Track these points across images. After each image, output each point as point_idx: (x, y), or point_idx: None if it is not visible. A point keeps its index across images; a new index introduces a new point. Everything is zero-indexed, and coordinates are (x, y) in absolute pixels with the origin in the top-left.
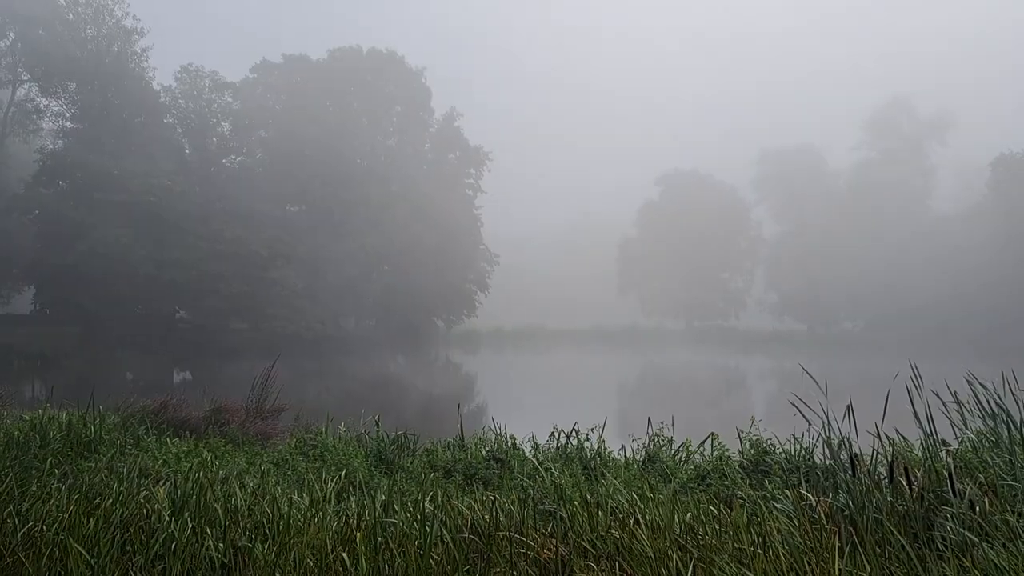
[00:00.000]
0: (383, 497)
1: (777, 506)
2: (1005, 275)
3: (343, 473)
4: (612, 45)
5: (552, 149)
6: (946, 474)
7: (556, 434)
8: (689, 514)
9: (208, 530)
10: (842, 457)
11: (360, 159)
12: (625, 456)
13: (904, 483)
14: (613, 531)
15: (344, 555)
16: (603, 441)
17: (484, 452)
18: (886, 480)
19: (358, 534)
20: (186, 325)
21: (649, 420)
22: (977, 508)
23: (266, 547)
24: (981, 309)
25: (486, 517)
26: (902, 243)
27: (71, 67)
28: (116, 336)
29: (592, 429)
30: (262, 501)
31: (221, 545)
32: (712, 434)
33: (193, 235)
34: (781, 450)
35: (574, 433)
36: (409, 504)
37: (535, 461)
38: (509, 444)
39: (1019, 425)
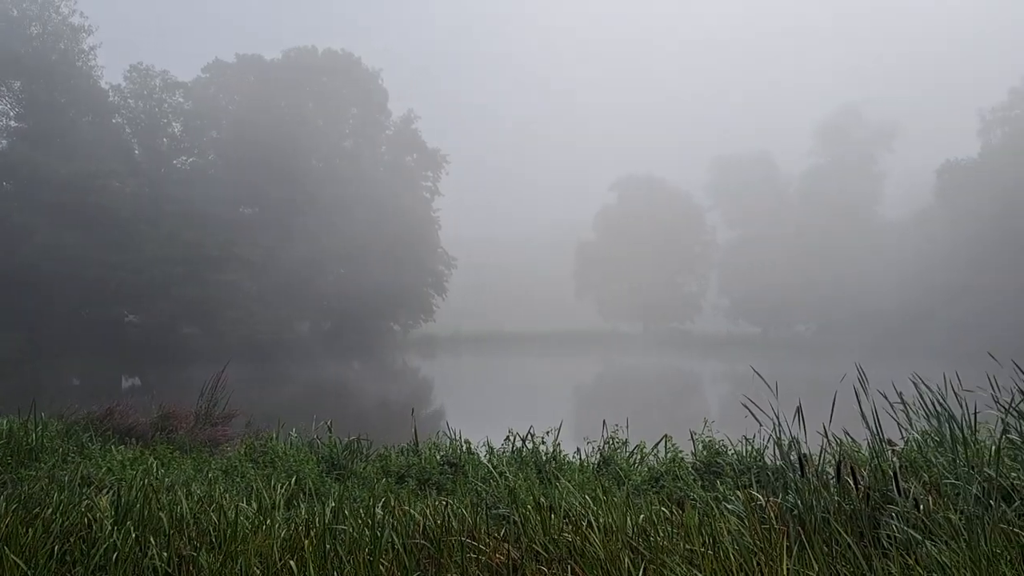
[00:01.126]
0: (333, 503)
1: (728, 507)
2: (951, 280)
3: (293, 480)
4: (571, 49)
5: (510, 152)
6: (891, 473)
7: (511, 438)
8: (642, 516)
9: (152, 539)
10: (792, 458)
11: (315, 160)
12: (580, 459)
13: (851, 483)
14: (566, 534)
15: (292, 563)
16: (558, 444)
17: (438, 457)
18: (834, 480)
19: (307, 541)
20: (135, 329)
21: (604, 423)
22: (921, 506)
23: (212, 556)
24: (929, 313)
25: (438, 522)
26: (852, 248)
27: (15, 65)
28: (62, 341)
29: (547, 432)
30: (209, 509)
31: (165, 554)
32: (666, 436)
33: (143, 237)
34: (733, 451)
35: (529, 437)
36: (360, 510)
37: (489, 465)
38: (464, 449)
39: (961, 425)
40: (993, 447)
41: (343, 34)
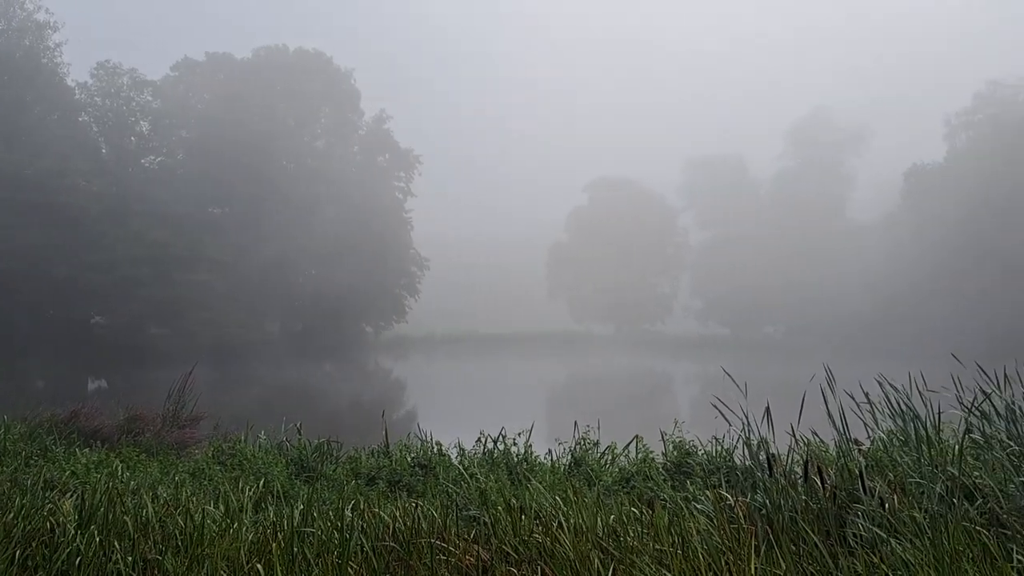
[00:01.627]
0: (302, 506)
1: (698, 507)
2: (918, 283)
3: (262, 483)
4: (551, 52)
5: (484, 152)
6: (858, 473)
7: (483, 440)
8: (612, 516)
9: (116, 543)
10: (760, 458)
11: (286, 160)
12: (551, 460)
13: (818, 482)
14: (536, 535)
15: (259, 566)
16: (529, 446)
17: (409, 459)
18: (801, 479)
19: (274, 544)
20: (103, 330)
21: (576, 424)
22: (886, 505)
23: (177, 560)
24: (896, 316)
25: (408, 524)
26: (822, 250)
27: None
28: (26, 342)
29: (519, 434)
30: (175, 512)
31: (130, 558)
32: (637, 437)
33: (110, 237)
34: (703, 452)
35: (501, 438)
36: (330, 513)
37: (460, 467)
38: (435, 450)
39: (926, 424)
40: (956, 446)
41: (316, 33)
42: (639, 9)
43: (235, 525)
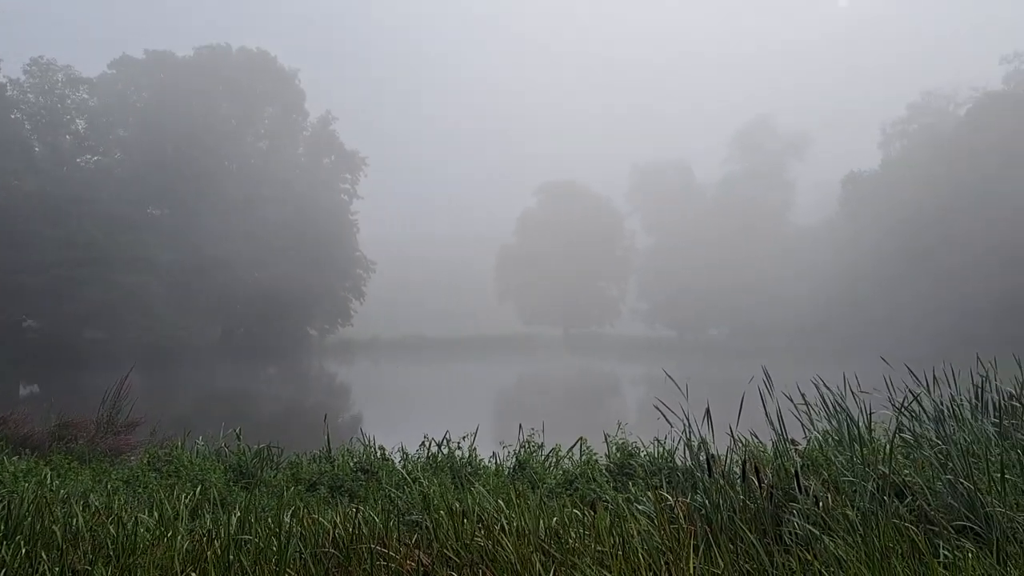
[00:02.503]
0: (239, 513)
1: (639, 507)
2: (856, 287)
3: (198, 489)
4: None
5: (433, 155)
6: (793, 472)
7: (427, 444)
8: (555, 519)
9: (44, 554)
10: (700, 458)
11: (228, 161)
12: (496, 463)
13: (755, 481)
14: (478, 539)
15: (194, 575)
16: (474, 449)
17: (352, 464)
18: (740, 479)
19: (210, 552)
20: (35, 334)
21: (520, 427)
22: (821, 503)
23: (108, 570)
24: (836, 318)
25: (348, 530)
26: (765, 254)
27: None
28: None
29: (463, 438)
30: (106, 521)
31: (58, 569)
32: (581, 439)
33: (43, 238)
34: (645, 453)
35: (445, 442)
36: (268, 519)
37: (403, 472)
38: (378, 455)
39: (858, 424)
40: (888, 446)
41: (261, 32)
42: (593, 20)
43: (169, 533)
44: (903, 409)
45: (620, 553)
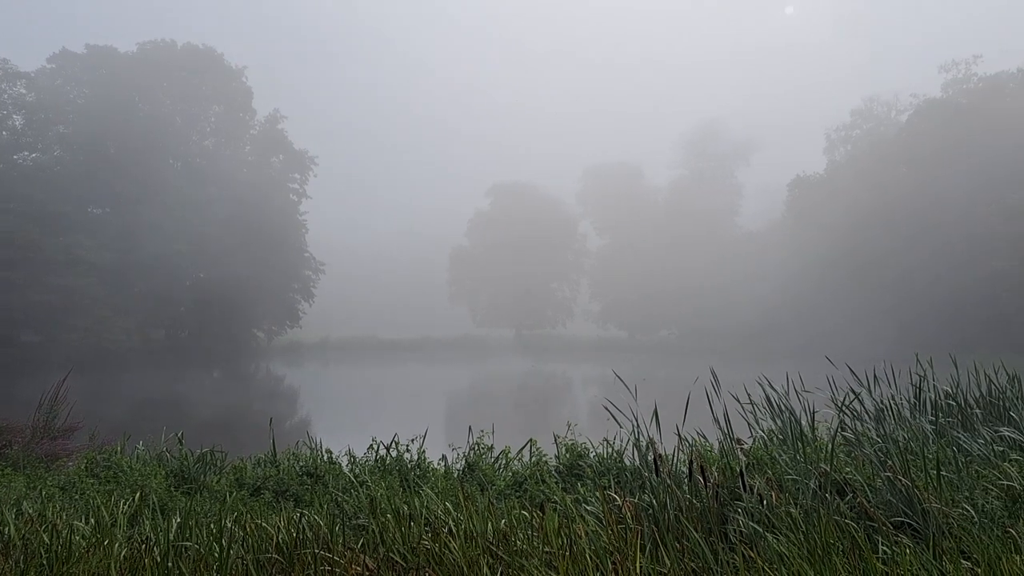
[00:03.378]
0: (180, 519)
1: (588, 508)
2: (802, 288)
3: (138, 495)
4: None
5: (385, 157)
6: (739, 471)
7: (375, 446)
8: (503, 521)
9: None
10: (648, 458)
11: (173, 160)
12: (445, 466)
13: (701, 481)
14: (425, 542)
15: None
16: (423, 452)
17: (298, 468)
18: (687, 479)
19: (148, 559)
20: None
21: (470, 429)
22: (765, 502)
23: None
24: (782, 319)
25: (293, 535)
26: (713, 257)
27: None
28: None
29: (412, 440)
30: (39, 529)
31: None
32: (531, 440)
33: None
34: (594, 454)
35: (394, 445)
36: (210, 525)
37: (351, 475)
38: (324, 458)
39: (801, 423)
40: (829, 444)
41: (207, 30)
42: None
43: (106, 541)
44: (845, 408)
45: (567, 554)
